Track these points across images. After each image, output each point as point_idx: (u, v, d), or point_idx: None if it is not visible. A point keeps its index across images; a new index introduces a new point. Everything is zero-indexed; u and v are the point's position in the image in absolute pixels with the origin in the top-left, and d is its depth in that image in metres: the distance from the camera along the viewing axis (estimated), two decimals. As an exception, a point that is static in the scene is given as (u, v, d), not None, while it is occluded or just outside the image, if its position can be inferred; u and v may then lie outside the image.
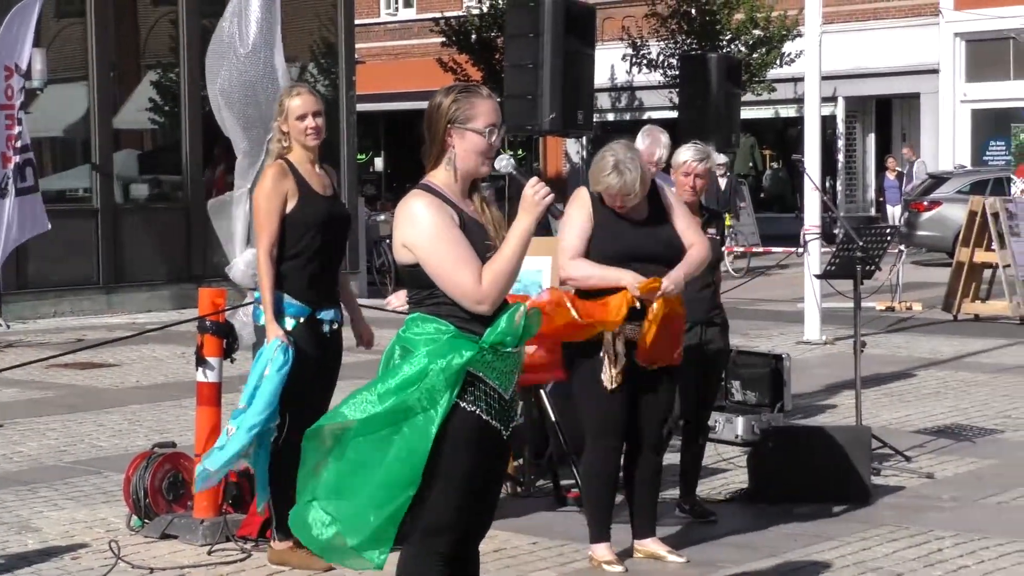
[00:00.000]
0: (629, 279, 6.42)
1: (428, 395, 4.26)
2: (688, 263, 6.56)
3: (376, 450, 4.29)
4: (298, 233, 6.39)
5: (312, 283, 6.43)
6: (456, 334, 4.29)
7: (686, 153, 7.44)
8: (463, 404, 4.30)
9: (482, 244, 4.34)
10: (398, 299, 4.69)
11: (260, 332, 6.46)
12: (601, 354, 6.44)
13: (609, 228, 6.52)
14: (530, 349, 5.92)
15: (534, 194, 4.29)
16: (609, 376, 6.43)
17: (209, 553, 6.64)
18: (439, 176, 4.43)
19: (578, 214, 6.60)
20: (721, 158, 27.30)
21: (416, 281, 4.37)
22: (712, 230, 7.47)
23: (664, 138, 8.09)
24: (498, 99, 4.48)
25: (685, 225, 6.64)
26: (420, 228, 4.30)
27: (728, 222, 24.54)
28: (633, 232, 6.53)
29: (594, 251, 6.55)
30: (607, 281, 6.45)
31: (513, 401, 4.44)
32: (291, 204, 6.40)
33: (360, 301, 7.32)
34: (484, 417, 4.33)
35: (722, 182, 25.82)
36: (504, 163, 4.42)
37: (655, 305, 6.43)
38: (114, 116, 18.67)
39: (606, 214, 6.55)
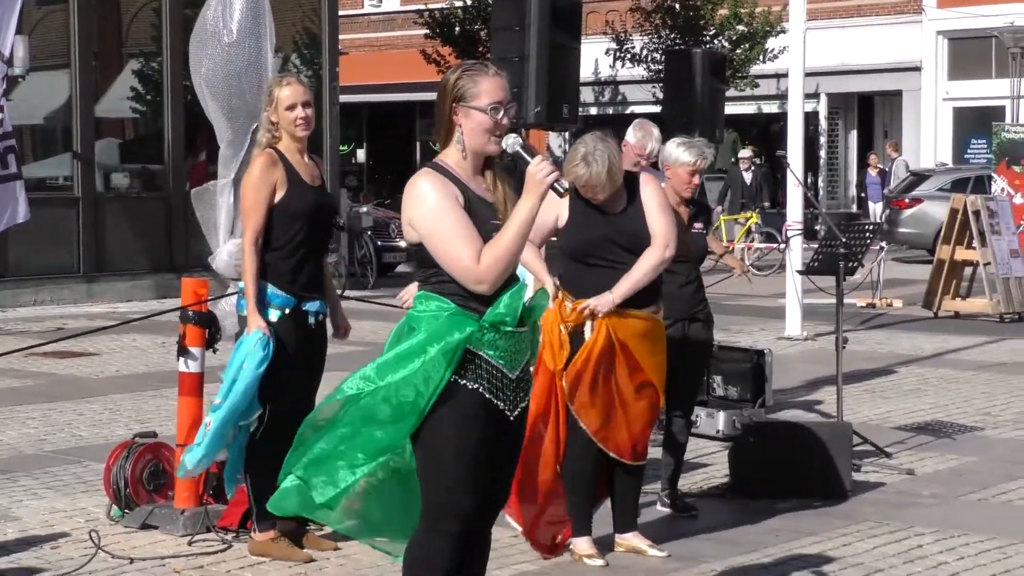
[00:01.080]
0: (549, 284, 6.37)
1: (424, 371, 4.26)
2: (631, 275, 6.42)
3: (363, 418, 4.31)
4: (286, 223, 6.37)
5: (298, 274, 6.41)
6: (456, 311, 4.30)
7: (688, 154, 7.37)
8: (464, 382, 4.31)
9: (488, 223, 4.33)
10: (409, 293, 4.69)
11: (243, 322, 6.44)
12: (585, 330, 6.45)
13: (580, 218, 6.50)
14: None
15: (537, 172, 4.28)
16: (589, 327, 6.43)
17: (189, 543, 6.62)
18: (450, 155, 4.44)
19: (544, 207, 6.56)
20: (746, 152, 27.19)
21: (422, 260, 4.38)
22: (699, 224, 7.47)
23: (655, 132, 8.08)
24: (506, 77, 4.47)
25: (657, 222, 6.53)
26: (423, 206, 4.31)
27: (755, 219, 24.47)
28: (604, 224, 6.50)
29: (566, 241, 6.54)
30: (530, 268, 6.45)
31: (523, 382, 4.43)
32: (280, 194, 6.37)
33: (341, 292, 7.32)
34: (487, 395, 4.33)
35: (747, 176, 25.69)
36: (511, 141, 4.40)
37: (588, 330, 6.40)
38: (96, 104, 18.61)
39: (580, 204, 6.52)
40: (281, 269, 6.38)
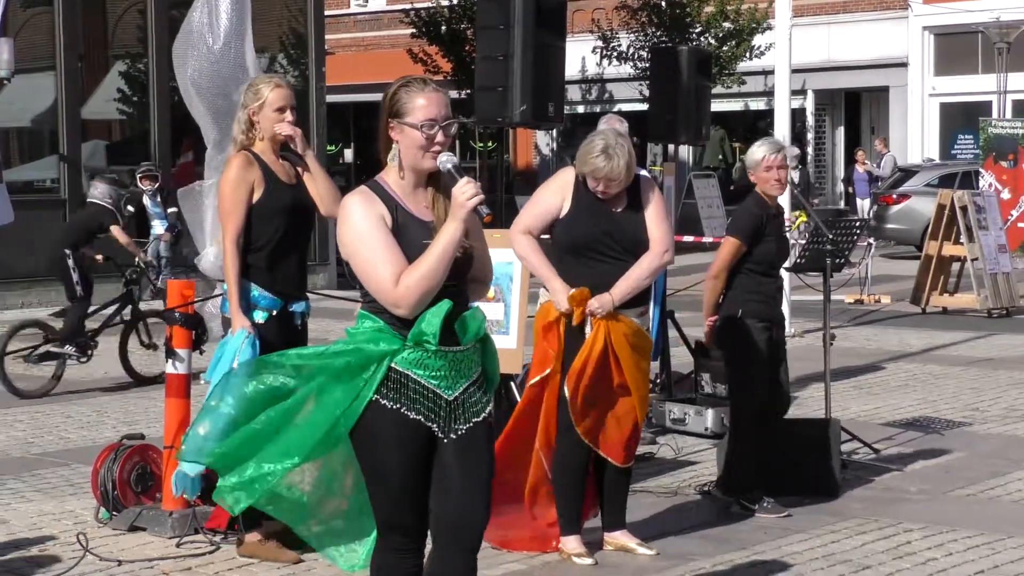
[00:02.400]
0: (559, 291, 6.41)
1: (338, 378, 4.24)
2: (630, 277, 6.45)
3: (282, 415, 4.29)
4: (265, 222, 6.36)
5: (280, 273, 6.40)
6: (382, 328, 4.27)
7: (760, 150, 7.44)
8: (382, 400, 4.26)
9: (418, 244, 4.26)
10: None
11: (227, 322, 6.43)
12: (586, 328, 6.44)
13: (587, 212, 6.50)
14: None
15: (461, 195, 4.21)
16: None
17: (178, 546, 6.61)
18: (389, 172, 4.39)
19: (551, 196, 6.56)
20: (793, 150, 27.12)
21: (355, 278, 4.35)
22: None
23: (623, 127, 8.07)
24: (446, 92, 4.40)
25: (657, 227, 6.55)
26: (347, 227, 4.29)
27: (803, 218, 24.42)
28: (607, 220, 6.51)
29: (566, 232, 6.52)
30: (539, 274, 6.49)
31: (467, 403, 4.35)
32: (257, 193, 6.36)
33: (330, 293, 7.30)
34: (411, 416, 4.27)
35: (794, 175, 25.66)
36: (444, 159, 4.33)
37: (589, 328, 6.42)
38: (82, 106, 18.58)
39: (588, 197, 6.52)
40: (263, 269, 6.37)
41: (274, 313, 6.36)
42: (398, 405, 4.26)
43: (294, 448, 4.29)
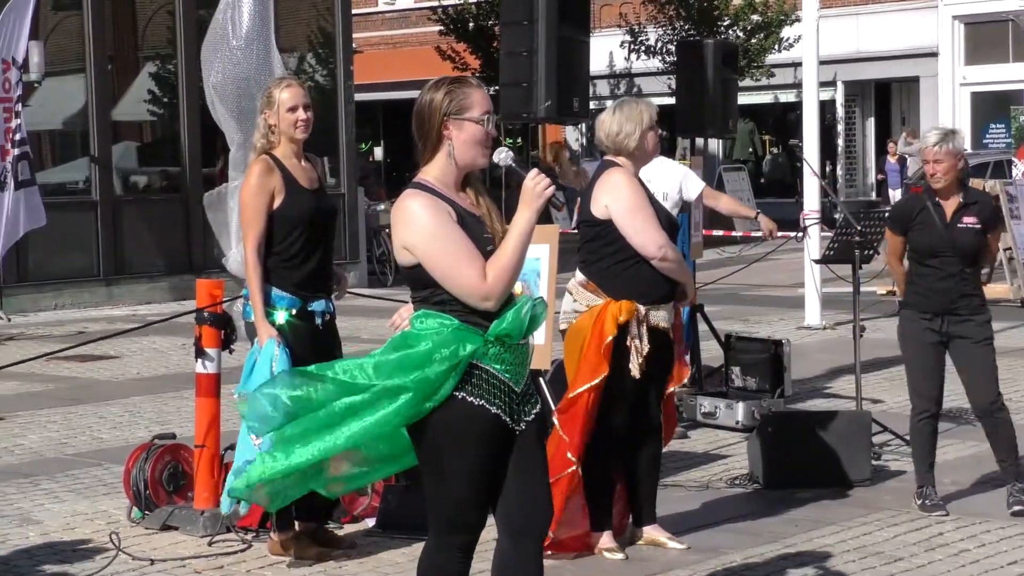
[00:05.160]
0: (691, 288, 6.62)
1: (427, 380, 4.22)
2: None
3: (347, 410, 4.28)
4: (286, 229, 6.37)
5: (302, 277, 6.40)
6: (460, 326, 4.26)
7: (925, 138, 7.37)
8: (466, 396, 4.26)
9: (481, 237, 4.30)
10: (401, 317, 4.64)
11: (250, 328, 6.45)
12: (628, 343, 6.42)
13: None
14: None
15: (535, 186, 4.26)
16: (635, 365, 6.41)
17: (210, 544, 6.64)
18: (432, 172, 4.38)
19: (641, 195, 6.51)
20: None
21: (418, 281, 4.33)
22: (969, 219, 7.28)
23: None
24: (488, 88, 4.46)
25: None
26: (418, 228, 4.26)
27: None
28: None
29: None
30: (682, 274, 6.54)
31: (528, 395, 4.40)
32: (278, 200, 6.36)
33: (361, 291, 7.32)
34: (492, 410, 4.29)
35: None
36: (503, 155, 4.37)
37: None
38: (112, 108, 18.66)
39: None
40: (284, 272, 6.38)
41: (294, 312, 6.37)
42: (479, 400, 4.27)
43: (348, 436, 4.29)
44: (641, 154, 6.58)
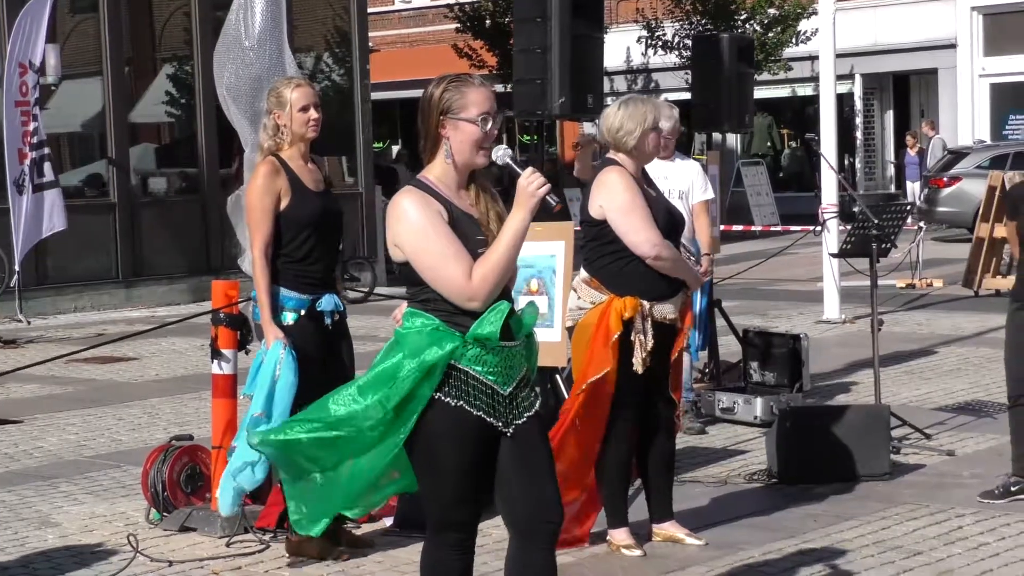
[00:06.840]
0: (695, 281, 6.59)
1: (399, 389, 4.21)
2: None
3: (359, 446, 4.32)
4: (293, 231, 6.36)
5: (308, 276, 6.40)
6: (439, 327, 4.24)
7: None
8: (445, 398, 4.25)
9: (474, 239, 4.27)
10: (401, 312, 4.64)
11: (258, 329, 6.45)
12: (632, 338, 6.41)
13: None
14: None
15: (528, 185, 4.21)
16: (639, 360, 6.40)
17: (228, 545, 6.65)
18: (434, 171, 4.37)
19: (635, 195, 6.46)
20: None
21: (408, 278, 4.33)
22: None
23: (675, 112, 8.02)
24: (492, 87, 4.42)
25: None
26: (407, 226, 4.25)
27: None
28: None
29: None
30: (679, 272, 6.47)
31: (520, 396, 4.36)
32: (284, 202, 6.36)
33: (379, 290, 7.31)
34: (474, 412, 4.27)
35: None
36: (501, 153, 4.34)
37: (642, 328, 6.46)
38: (130, 110, 18.71)
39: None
40: (291, 273, 6.38)
41: (302, 312, 6.37)
42: (460, 402, 4.26)
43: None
44: (640, 154, 6.54)
